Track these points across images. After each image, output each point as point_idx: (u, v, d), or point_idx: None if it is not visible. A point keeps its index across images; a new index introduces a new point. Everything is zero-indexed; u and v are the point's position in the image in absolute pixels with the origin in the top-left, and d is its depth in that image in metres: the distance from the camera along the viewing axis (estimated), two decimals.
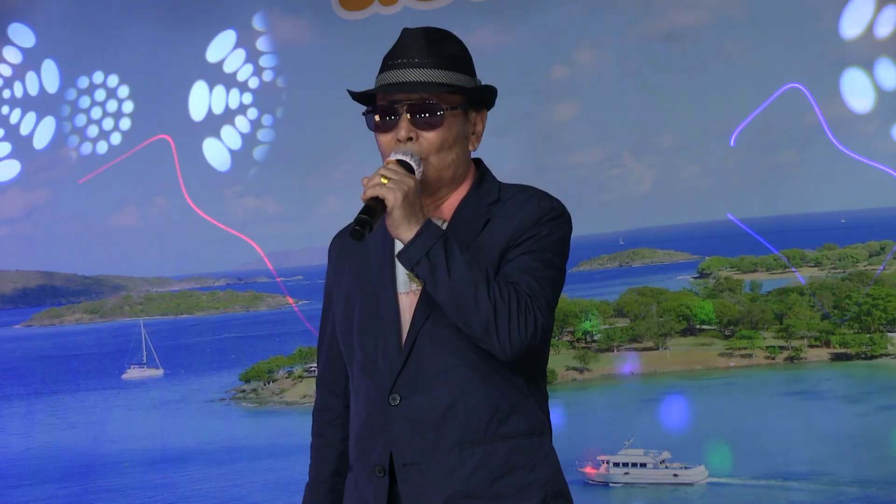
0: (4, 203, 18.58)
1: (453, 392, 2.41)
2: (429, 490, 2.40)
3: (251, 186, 26.99)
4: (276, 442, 20.99)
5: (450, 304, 2.33)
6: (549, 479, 2.47)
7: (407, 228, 2.33)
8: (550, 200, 2.50)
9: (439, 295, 2.33)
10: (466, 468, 2.40)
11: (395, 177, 2.33)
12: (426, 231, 2.33)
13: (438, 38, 2.51)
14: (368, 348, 2.49)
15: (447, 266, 2.32)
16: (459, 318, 2.34)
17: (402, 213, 2.32)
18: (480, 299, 2.31)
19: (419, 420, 2.41)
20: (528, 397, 2.48)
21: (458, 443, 2.40)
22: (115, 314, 29.36)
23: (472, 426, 2.40)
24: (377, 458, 2.45)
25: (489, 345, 2.34)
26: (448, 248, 2.33)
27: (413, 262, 2.33)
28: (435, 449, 2.40)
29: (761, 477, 18.26)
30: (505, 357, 2.35)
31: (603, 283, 25.54)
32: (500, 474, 2.42)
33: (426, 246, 2.32)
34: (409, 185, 2.33)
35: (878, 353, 20.21)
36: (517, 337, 2.33)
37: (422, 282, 2.35)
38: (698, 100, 23.10)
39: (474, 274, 2.33)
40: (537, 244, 2.43)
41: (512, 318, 2.33)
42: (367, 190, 2.35)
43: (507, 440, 2.43)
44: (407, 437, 2.41)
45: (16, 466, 21.88)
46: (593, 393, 21.71)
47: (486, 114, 2.59)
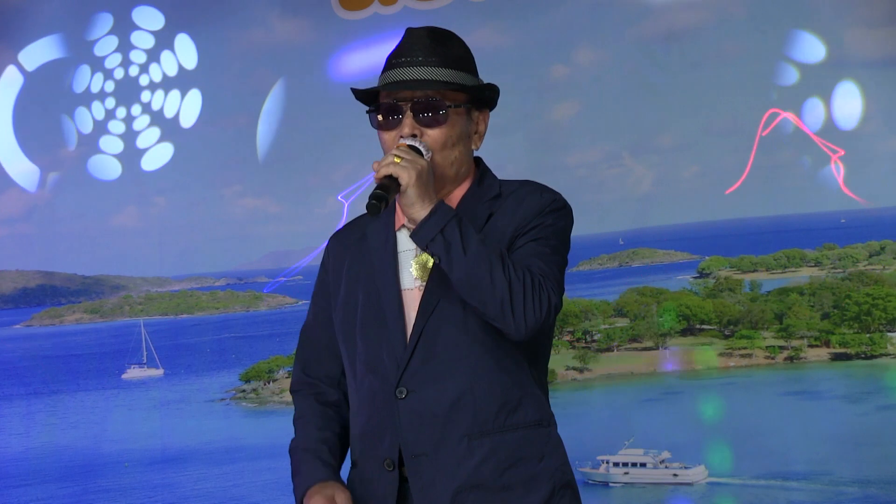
0: (4, 203, 18.56)
1: (461, 384, 2.41)
2: (438, 481, 2.41)
3: (251, 186, 26.96)
4: (276, 442, 20.96)
5: (465, 281, 2.33)
6: (557, 470, 2.48)
7: (421, 207, 2.34)
8: (552, 192, 2.52)
9: (455, 272, 2.33)
10: (475, 459, 2.41)
11: (408, 157, 2.34)
12: (440, 209, 2.34)
13: (442, 38, 2.52)
14: (372, 343, 2.50)
15: (462, 243, 2.33)
16: (475, 296, 2.34)
17: (416, 192, 2.33)
18: (496, 276, 2.32)
19: (427, 412, 2.42)
20: (534, 388, 2.49)
21: (467, 434, 2.41)
22: (115, 314, 29.34)
23: (481, 417, 2.41)
24: (386, 452, 2.46)
25: (504, 323, 2.34)
26: (463, 226, 2.35)
27: (428, 239, 2.34)
28: (443, 440, 2.41)
29: (761, 477, 18.25)
30: (519, 336, 2.35)
31: (603, 283, 25.52)
32: (509, 465, 2.43)
33: (441, 223, 2.33)
34: (422, 165, 2.35)
35: (877, 353, 20.21)
36: (532, 315, 2.34)
37: (436, 259, 2.34)
38: (698, 100, 23.06)
39: (489, 252, 2.34)
40: (543, 232, 2.45)
41: (527, 295, 2.33)
42: (380, 169, 2.35)
43: (516, 431, 2.44)
44: (415, 429, 2.42)
45: (16, 466, 21.87)
46: (593, 393, 21.69)
47: (488, 113, 2.61)
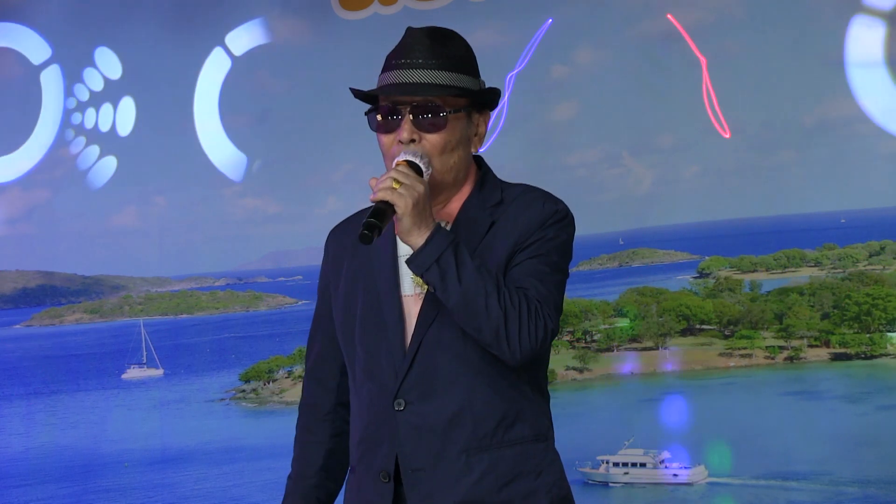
0: (4, 203, 18.57)
1: (460, 398, 2.40)
2: (436, 496, 2.40)
3: (251, 186, 26.98)
4: (276, 442, 20.97)
5: (460, 310, 2.32)
6: (555, 485, 2.46)
7: (417, 234, 2.31)
8: (555, 202, 2.49)
9: (450, 301, 2.32)
10: (474, 475, 2.39)
11: (406, 181, 2.31)
12: (436, 237, 2.31)
13: (443, 39, 2.49)
14: (371, 350, 2.47)
15: (457, 273, 2.31)
16: (470, 324, 2.33)
17: (411, 221, 2.30)
18: (491, 305, 2.30)
19: (425, 426, 2.40)
20: (532, 402, 2.48)
21: (465, 449, 2.39)
22: (115, 314, 29.35)
23: (479, 432, 2.40)
24: (382, 463, 2.44)
25: (499, 350, 2.33)
26: (458, 255, 2.32)
27: (423, 268, 2.32)
28: (442, 455, 2.39)
29: (761, 477, 18.26)
30: (514, 363, 2.34)
31: (603, 283, 25.53)
32: (508, 480, 2.41)
33: (436, 252, 2.31)
34: (419, 192, 2.32)
35: (877, 353, 20.22)
36: (527, 343, 2.32)
37: (431, 288, 2.34)
38: (698, 100, 23.10)
39: (485, 280, 2.32)
40: (543, 247, 2.42)
41: (522, 324, 2.32)
42: (377, 192, 2.33)
43: (514, 446, 2.42)
44: (413, 443, 2.40)
45: (16, 466, 21.88)
46: (593, 393, 21.70)
47: (488, 115, 2.58)
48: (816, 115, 26.12)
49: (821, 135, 25.98)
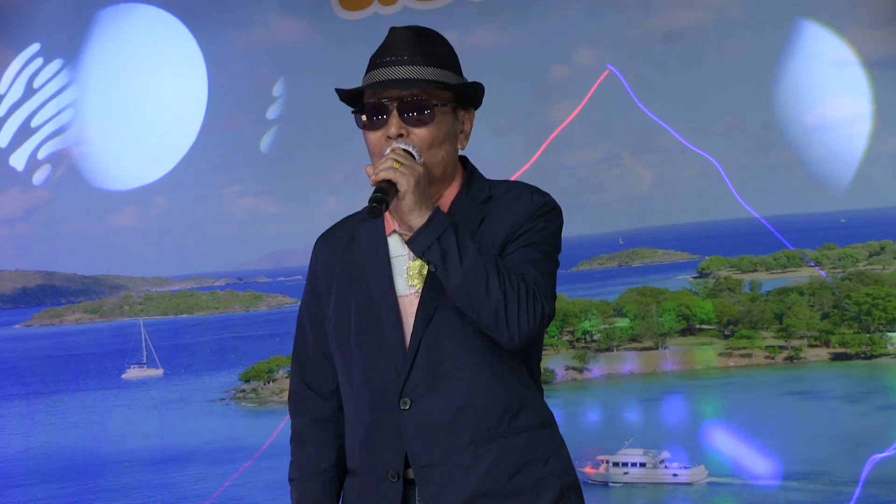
0: (4, 203, 18.56)
1: (463, 391, 2.41)
2: (447, 491, 2.40)
3: (251, 186, 26.99)
4: (276, 442, 20.96)
5: (460, 291, 2.33)
6: (563, 472, 2.48)
7: (418, 214, 2.33)
8: (542, 195, 2.52)
9: (450, 281, 2.33)
10: (483, 466, 2.40)
11: (405, 162, 2.34)
12: (436, 217, 2.33)
13: (426, 37, 2.51)
14: (369, 353, 2.48)
15: (458, 252, 2.32)
16: (469, 305, 2.34)
17: (413, 199, 2.32)
18: (491, 286, 2.32)
19: (432, 422, 2.41)
20: (533, 390, 2.49)
21: (472, 441, 2.40)
22: (114, 314, 29.35)
23: (485, 423, 2.41)
24: (389, 463, 2.44)
25: (497, 332, 2.35)
26: (459, 235, 2.34)
27: (424, 247, 2.33)
28: (450, 449, 2.40)
29: (761, 477, 18.25)
30: (512, 346, 2.35)
31: (603, 283, 25.50)
32: (517, 470, 2.42)
33: (437, 231, 2.32)
34: (419, 172, 2.34)
35: (877, 352, 20.22)
36: (525, 325, 2.34)
37: (432, 267, 2.34)
38: (698, 100, 23.06)
39: (485, 261, 2.34)
40: (535, 237, 2.44)
41: (521, 306, 2.33)
42: (378, 172, 2.34)
43: (520, 434, 2.44)
44: (421, 440, 2.41)
45: (16, 466, 21.88)
46: (593, 393, 21.70)
47: (473, 113, 2.60)
48: (816, 115, 26.13)
49: (821, 135, 25.98)
